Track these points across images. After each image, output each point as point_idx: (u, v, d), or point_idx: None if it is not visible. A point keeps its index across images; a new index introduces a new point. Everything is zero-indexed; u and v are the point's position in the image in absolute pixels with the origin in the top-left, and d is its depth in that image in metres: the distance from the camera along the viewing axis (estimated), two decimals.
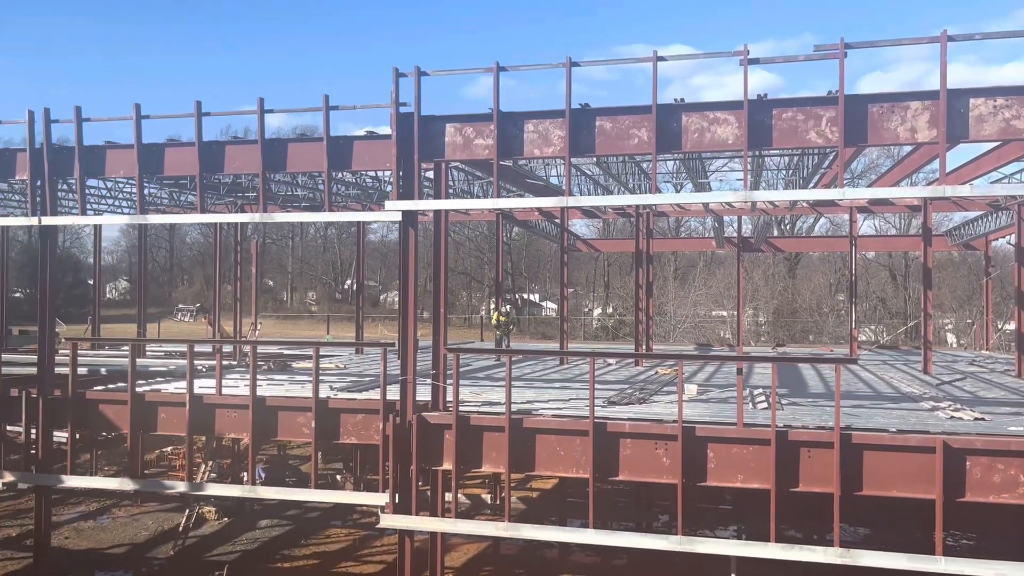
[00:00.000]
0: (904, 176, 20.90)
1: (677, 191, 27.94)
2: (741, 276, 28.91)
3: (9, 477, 17.05)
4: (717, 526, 22.36)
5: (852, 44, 12.12)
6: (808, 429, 12.23)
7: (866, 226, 61.74)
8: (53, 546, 18.37)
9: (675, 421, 12.33)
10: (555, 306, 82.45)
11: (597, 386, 13.38)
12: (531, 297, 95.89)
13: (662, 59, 13.05)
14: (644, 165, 22.30)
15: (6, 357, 17.53)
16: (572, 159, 13.80)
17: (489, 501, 25.22)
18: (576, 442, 12.81)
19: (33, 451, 16.45)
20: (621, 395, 16.26)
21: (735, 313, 37.76)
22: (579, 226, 66.22)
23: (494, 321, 24.67)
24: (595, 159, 20.65)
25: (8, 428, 17.13)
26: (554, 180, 23.01)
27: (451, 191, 21.60)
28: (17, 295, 74.00)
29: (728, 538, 16.54)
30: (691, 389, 16.76)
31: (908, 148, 18.87)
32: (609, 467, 12.67)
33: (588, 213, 30.20)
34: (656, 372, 21.70)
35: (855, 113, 12.18)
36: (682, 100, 13.09)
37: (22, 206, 23.38)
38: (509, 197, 22.49)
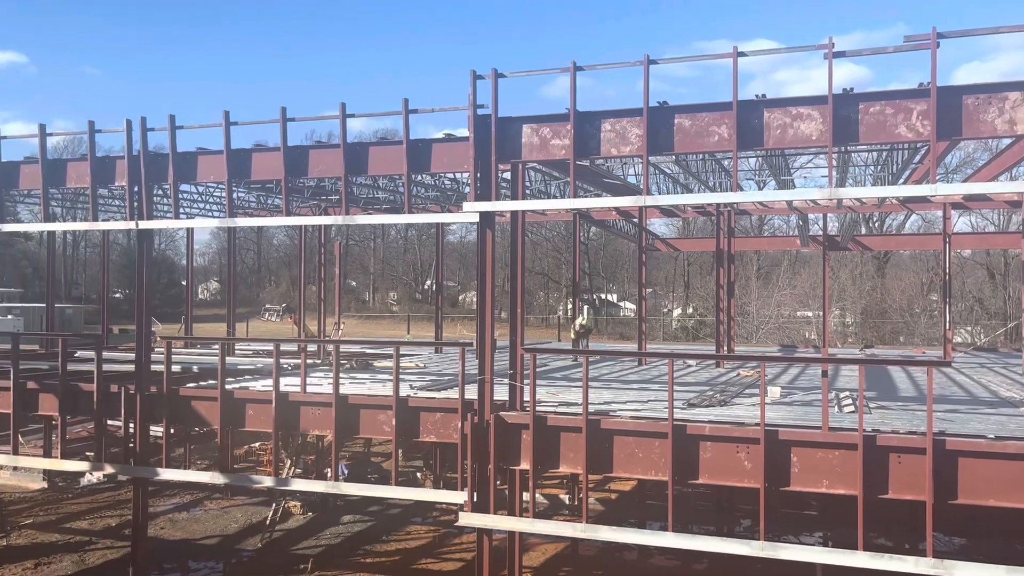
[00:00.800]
0: (1003, 170, 19.92)
1: (760, 188, 27.26)
2: (827, 275, 28.00)
3: (109, 469, 17.93)
4: (801, 532, 21.77)
5: (945, 33, 11.62)
6: (898, 434, 11.78)
7: (961, 223, 59.17)
8: (150, 536, 19.21)
9: (757, 424, 12.06)
10: (633, 306, 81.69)
11: (676, 388, 13.21)
12: (609, 297, 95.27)
13: (743, 55, 12.78)
14: (725, 163, 21.88)
15: (106, 355, 18.42)
16: (650, 157, 13.66)
17: (567, 502, 25.18)
18: (655, 444, 12.67)
19: (131, 445, 17.24)
20: (701, 397, 16.00)
21: (820, 314, 36.66)
22: (658, 225, 65.43)
23: (576, 327, 24.60)
24: (674, 157, 20.37)
25: (108, 422, 17.99)
26: (632, 179, 22.80)
27: (528, 192, 21.66)
28: (117, 295, 77.74)
29: (813, 545, 16.08)
30: (774, 391, 16.37)
31: (1007, 141, 17.97)
32: (689, 470, 12.48)
33: (667, 212, 29.81)
34: (737, 374, 21.26)
35: (948, 105, 11.67)
36: (763, 96, 12.80)
37: (121, 211, 24.52)
38: (586, 197, 22.40)
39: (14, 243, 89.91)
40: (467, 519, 13.84)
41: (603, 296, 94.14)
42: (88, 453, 19.62)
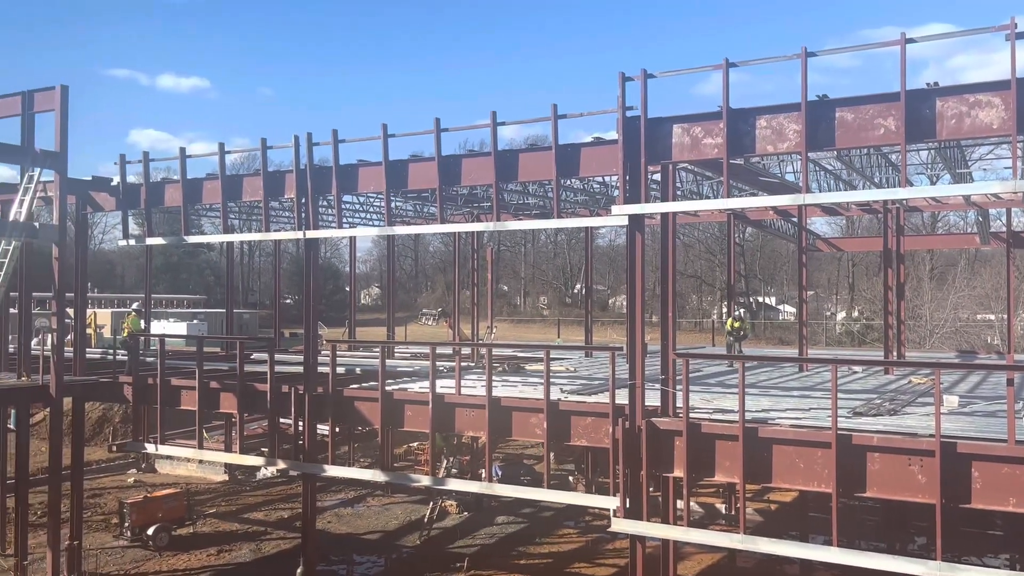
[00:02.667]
0: None
1: (932, 183, 25.38)
2: (1012, 275, 25.65)
3: (281, 464, 19.13)
4: (985, 553, 20.07)
5: None
6: None
7: None
8: (318, 529, 20.32)
9: (932, 435, 11.23)
10: (793, 309, 78.24)
11: (841, 395, 12.54)
12: (766, 300, 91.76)
13: (911, 41, 11.98)
14: (892, 156, 20.55)
15: (278, 357, 19.69)
16: (809, 153, 13.05)
17: (723, 511, 24.45)
18: (817, 454, 12.07)
19: (300, 442, 18.33)
20: (868, 405, 15.08)
21: (1004, 317, 33.67)
22: (819, 224, 62.34)
23: (728, 327, 23.88)
24: (835, 153, 19.35)
25: (280, 420, 19.22)
26: (790, 177, 21.84)
27: (679, 193, 21.23)
28: (288, 301, 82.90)
29: (998, 567, 14.76)
30: (951, 401, 15.18)
31: None
32: (854, 482, 11.80)
33: (828, 210, 28.37)
34: (909, 381, 19.88)
35: None
36: (935, 84, 11.92)
37: (290, 222, 26.13)
38: (741, 196, 21.68)
39: (198, 253, 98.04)
40: (619, 525, 13.71)
41: (760, 299, 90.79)
42: (263, 449, 21.04)
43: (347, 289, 42.66)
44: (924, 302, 54.47)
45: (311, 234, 18.71)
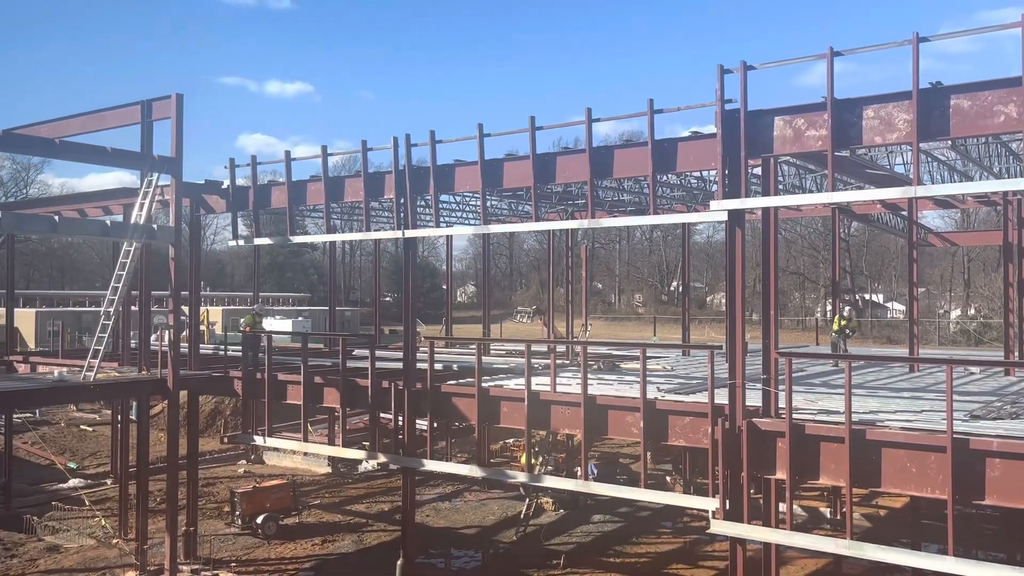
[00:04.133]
0: None
1: None
2: None
3: (382, 458, 19.61)
4: None
5: None
6: None
7: None
8: (416, 522, 20.75)
9: None
10: (902, 307, 74.84)
11: (957, 397, 11.94)
12: (873, 298, 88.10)
13: None
14: (1013, 145, 19.37)
15: (378, 353, 20.18)
16: (921, 144, 12.48)
17: (828, 515, 23.63)
18: (930, 459, 11.52)
19: (400, 437, 18.74)
20: (987, 408, 14.28)
21: None
22: (931, 218, 59.57)
23: (835, 327, 23.04)
24: (949, 142, 18.39)
25: (380, 415, 19.70)
26: (899, 168, 20.87)
27: (780, 187, 20.63)
28: (387, 299, 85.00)
29: None
30: None
31: None
32: (972, 489, 11.21)
33: (942, 203, 26.96)
34: None
35: None
36: None
37: (390, 221, 26.74)
38: (846, 190, 20.88)
39: (303, 253, 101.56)
40: (719, 527, 13.45)
41: (867, 296, 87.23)
42: (364, 443, 21.62)
43: (444, 287, 43.37)
44: None
45: (410, 233, 19.10)
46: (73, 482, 27.92)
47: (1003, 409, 14.11)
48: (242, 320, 23.01)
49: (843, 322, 23.18)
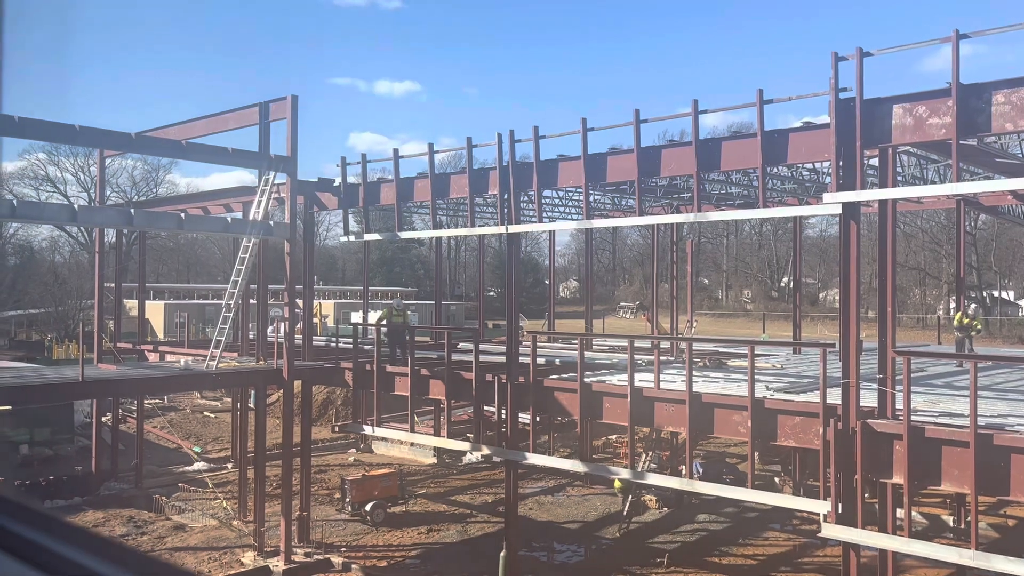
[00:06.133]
0: None
1: None
2: None
3: (485, 450, 19.88)
4: None
5: None
6: None
7: None
8: (519, 515, 20.91)
9: None
10: None
11: None
12: (1003, 295, 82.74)
13: None
14: None
15: (482, 347, 20.45)
16: None
17: (951, 523, 22.43)
18: None
19: (503, 430, 18.94)
20: None
21: None
22: None
23: (956, 323, 21.82)
24: None
25: (484, 408, 19.96)
26: None
27: (899, 178, 19.67)
28: (491, 293, 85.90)
29: None
30: None
31: None
32: None
33: None
34: None
35: None
36: None
37: (493, 217, 27.05)
38: (972, 180, 19.72)
39: (410, 248, 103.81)
40: (831, 531, 12.99)
41: (995, 293, 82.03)
42: (468, 435, 21.98)
43: (546, 282, 43.48)
44: None
45: (513, 228, 19.24)
46: (197, 465, 29.57)
47: None
48: (379, 313, 23.59)
49: (965, 320, 21.93)
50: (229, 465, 29.68)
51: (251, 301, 26.07)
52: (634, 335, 18.01)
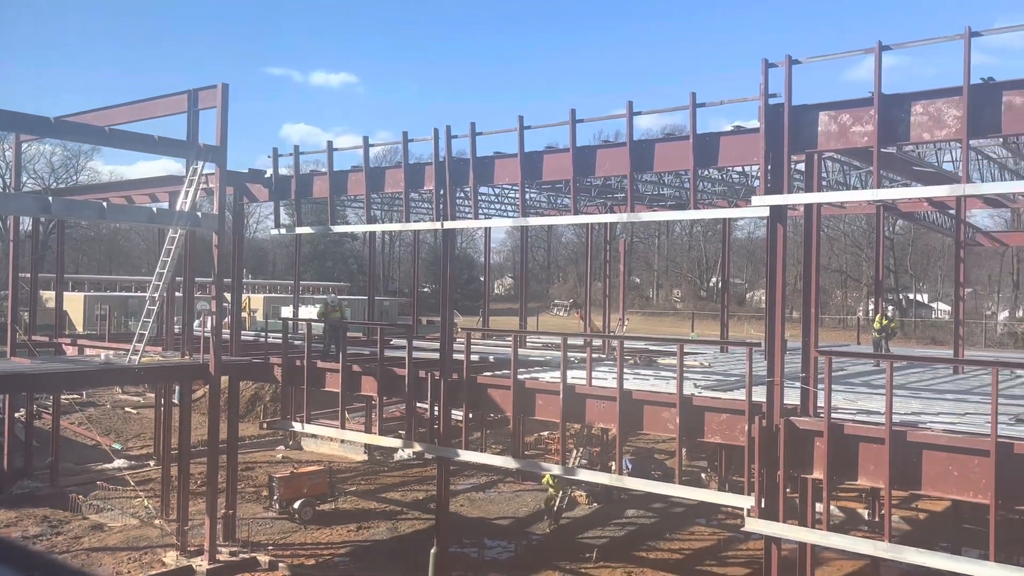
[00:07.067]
0: None
1: None
2: None
3: (417, 447, 19.77)
4: None
5: None
6: None
7: None
8: (451, 512, 20.88)
9: None
10: (947, 308, 73.29)
11: (1002, 401, 11.69)
12: (918, 297, 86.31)
13: None
14: None
15: (416, 343, 20.33)
16: (971, 141, 12.21)
17: (866, 517, 23.31)
18: (973, 462, 11.31)
19: (436, 426, 18.88)
20: None
21: None
22: (980, 217, 58.11)
23: (876, 325, 22.67)
24: (1000, 140, 17.95)
25: (417, 404, 19.85)
26: (948, 166, 20.44)
27: (824, 183, 20.31)
28: (425, 289, 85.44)
29: None
30: None
31: None
32: (1016, 494, 11.00)
33: (991, 202, 26.33)
34: None
35: None
36: None
37: (429, 213, 26.92)
38: (892, 187, 20.49)
39: (343, 243, 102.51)
40: (754, 525, 13.35)
41: (911, 296, 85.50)
42: (400, 432, 21.82)
43: (481, 279, 43.54)
44: None
45: (448, 225, 19.19)
46: (117, 463, 28.63)
47: None
48: (316, 308, 23.20)
49: (884, 321, 22.80)
50: (151, 463, 28.85)
51: (177, 294, 25.37)
52: (567, 333, 18.16)
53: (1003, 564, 11.29)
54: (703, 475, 26.99)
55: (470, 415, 18.61)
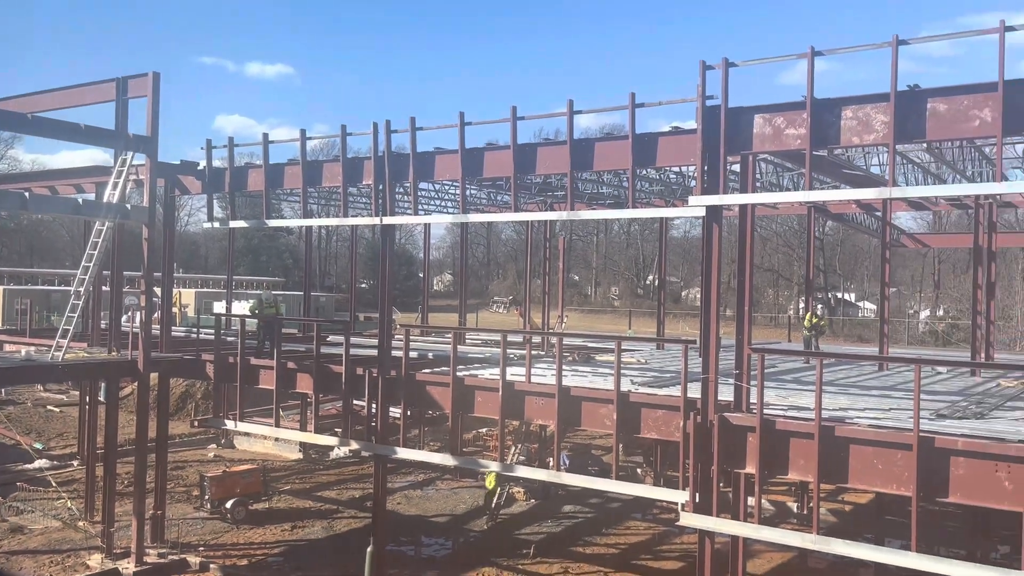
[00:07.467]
0: None
1: None
2: None
3: (354, 445, 19.55)
4: None
5: None
6: None
7: None
8: (388, 510, 20.73)
9: (1021, 441, 10.76)
10: (873, 306, 75.80)
11: (924, 397, 12.11)
12: (846, 296, 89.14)
13: (1011, 29, 11.45)
14: (987, 150, 19.66)
15: (353, 340, 20.09)
16: (898, 146, 12.61)
17: (795, 510, 23.96)
18: (897, 456, 11.70)
19: (373, 424, 18.69)
20: (953, 408, 14.53)
21: None
22: (904, 219, 60.31)
23: (806, 323, 23.29)
24: (925, 145, 18.62)
25: (354, 402, 19.63)
26: (875, 170, 21.12)
27: (758, 184, 20.77)
28: (363, 285, 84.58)
29: None
30: None
31: None
32: (936, 486, 11.41)
33: (915, 205, 27.31)
34: (998, 384, 19.08)
35: None
36: None
37: (368, 208, 26.59)
38: (823, 189, 21.07)
39: (278, 237, 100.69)
40: (688, 519, 13.58)
41: (839, 295, 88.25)
42: (336, 429, 21.56)
43: (420, 275, 43.26)
44: (1016, 302, 52.09)
45: (387, 220, 18.99)
46: (39, 463, 27.57)
47: (968, 409, 14.36)
48: (249, 304, 22.67)
49: (814, 320, 23.44)
50: (75, 462, 27.85)
51: (104, 288, 24.56)
52: (507, 330, 18.19)
53: (923, 554, 11.72)
54: (639, 470, 27.36)
55: (408, 412, 18.47)
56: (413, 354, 19.61)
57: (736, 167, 14.81)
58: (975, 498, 11.31)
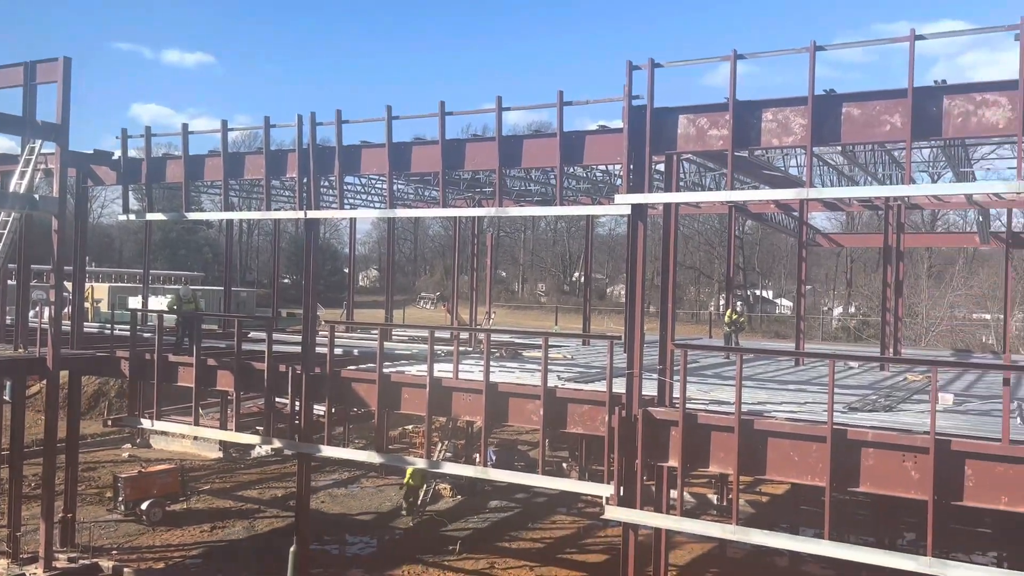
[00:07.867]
0: None
1: (934, 181, 25.38)
2: (1010, 275, 25.73)
3: (277, 443, 19.15)
4: (973, 550, 20.23)
5: None
6: None
7: None
8: (311, 508, 20.40)
9: (926, 432, 11.28)
10: (790, 304, 78.36)
11: (837, 390, 12.57)
12: (764, 294, 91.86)
13: (921, 38, 11.95)
14: (896, 153, 20.53)
15: (276, 336, 19.67)
16: (814, 148, 13.04)
17: (715, 501, 24.59)
18: (812, 448, 12.12)
19: (296, 422, 18.35)
20: (864, 401, 15.14)
21: (1001, 316, 33.74)
22: (820, 219, 62.12)
23: (727, 319, 23.92)
24: (840, 148, 19.33)
25: (277, 400, 19.24)
26: (793, 171, 21.82)
27: (682, 184, 21.19)
28: (286, 281, 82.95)
29: (986, 565, 14.85)
30: (946, 399, 15.24)
31: None
32: (848, 477, 11.86)
33: (830, 205, 28.33)
34: (904, 378, 19.97)
35: None
36: (943, 82, 11.89)
37: (291, 201, 26.07)
38: (743, 189, 21.66)
39: (197, 230, 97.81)
40: (613, 513, 13.78)
41: (758, 292, 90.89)
42: (258, 427, 21.10)
43: (346, 270, 42.71)
44: (921, 300, 54.54)
45: (312, 214, 18.66)
46: None
47: (878, 402, 14.99)
48: (167, 299, 21.87)
49: (734, 316, 24.09)
50: None
51: (9, 282, 23.39)
52: (434, 326, 18.10)
53: (836, 542, 12.16)
54: (565, 465, 27.64)
55: (333, 410, 18.20)
56: (338, 351, 19.32)
57: (661, 166, 15.10)
58: (884, 487, 11.80)
